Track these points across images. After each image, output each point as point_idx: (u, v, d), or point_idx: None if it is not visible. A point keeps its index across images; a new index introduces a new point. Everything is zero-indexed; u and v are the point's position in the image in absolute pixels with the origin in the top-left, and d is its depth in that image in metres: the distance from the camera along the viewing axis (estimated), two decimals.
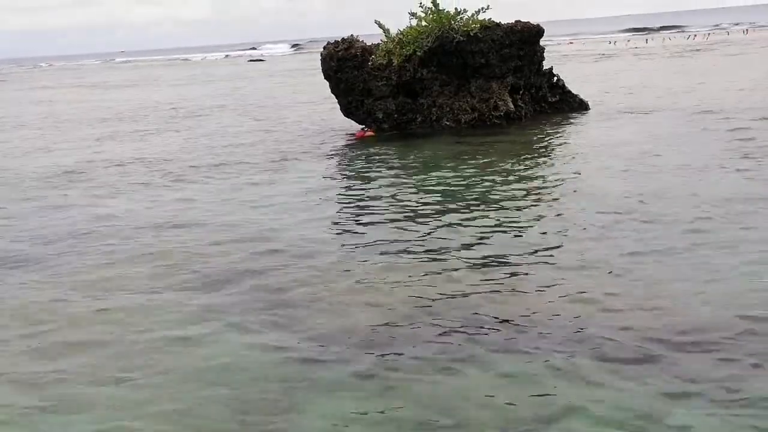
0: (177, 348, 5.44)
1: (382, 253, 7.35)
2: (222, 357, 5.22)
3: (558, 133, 14.54)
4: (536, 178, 10.58)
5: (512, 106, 15.51)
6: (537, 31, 16.03)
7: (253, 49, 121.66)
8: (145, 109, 25.77)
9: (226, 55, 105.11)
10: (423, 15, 15.55)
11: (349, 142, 15.24)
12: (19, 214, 10.20)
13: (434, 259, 7.08)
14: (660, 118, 15.19)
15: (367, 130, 15.71)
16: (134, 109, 26.50)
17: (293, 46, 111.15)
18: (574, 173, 10.57)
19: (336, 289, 6.47)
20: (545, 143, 13.59)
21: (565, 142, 13.49)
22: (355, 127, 16.28)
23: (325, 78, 16.64)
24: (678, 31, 75.20)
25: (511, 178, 10.51)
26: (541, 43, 16.46)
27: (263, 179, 11.62)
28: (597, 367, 4.73)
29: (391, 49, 15.51)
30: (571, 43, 57.67)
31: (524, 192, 9.62)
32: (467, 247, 7.38)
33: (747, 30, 59.92)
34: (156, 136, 18.26)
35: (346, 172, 12.18)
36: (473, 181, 10.44)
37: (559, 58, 27.65)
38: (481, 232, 7.84)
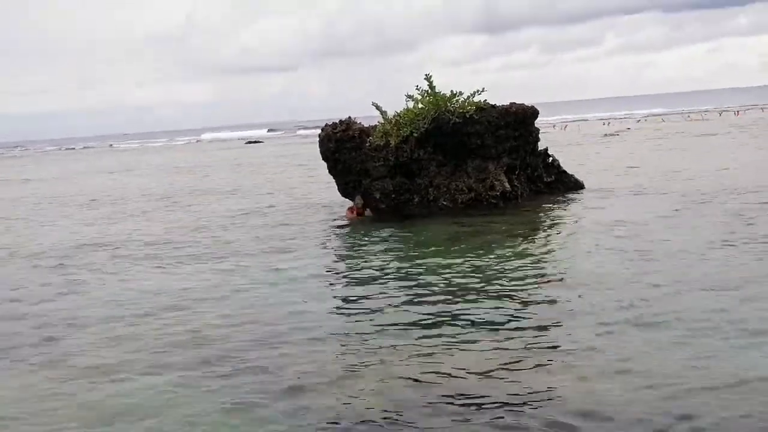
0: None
1: (379, 334, 7.36)
2: None
3: (554, 213, 14.60)
4: (531, 258, 10.54)
5: (508, 186, 15.62)
6: (531, 113, 16.34)
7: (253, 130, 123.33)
8: (136, 196, 25.61)
9: (224, 139, 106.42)
10: (419, 97, 15.81)
11: (347, 224, 15.22)
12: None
13: (429, 340, 7.05)
14: (653, 199, 15.31)
15: (352, 209, 15.72)
16: (121, 195, 26.55)
17: (297, 128, 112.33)
18: (570, 255, 10.62)
19: (335, 371, 6.43)
20: (541, 223, 13.65)
21: (560, 223, 13.55)
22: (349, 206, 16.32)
23: (323, 159, 16.80)
24: (676, 113, 76.56)
25: (505, 259, 10.50)
26: (536, 125, 16.76)
27: (261, 262, 11.52)
28: None
29: (388, 131, 15.71)
30: (565, 127, 58.50)
31: (519, 274, 9.59)
32: (461, 327, 7.37)
33: (738, 112, 61.14)
34: (154, 219, 18.33)
35: (345, 255, 12.18)
36: (469, 263, 10.41)
37: (552, 140, 28.02)
38: (477, 314, 7.83)
